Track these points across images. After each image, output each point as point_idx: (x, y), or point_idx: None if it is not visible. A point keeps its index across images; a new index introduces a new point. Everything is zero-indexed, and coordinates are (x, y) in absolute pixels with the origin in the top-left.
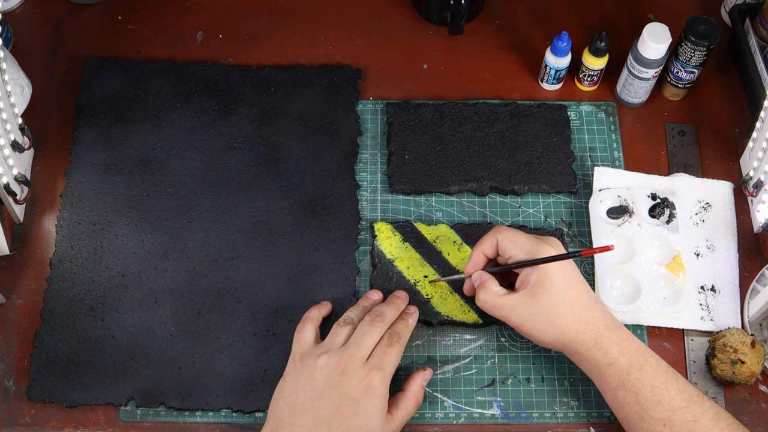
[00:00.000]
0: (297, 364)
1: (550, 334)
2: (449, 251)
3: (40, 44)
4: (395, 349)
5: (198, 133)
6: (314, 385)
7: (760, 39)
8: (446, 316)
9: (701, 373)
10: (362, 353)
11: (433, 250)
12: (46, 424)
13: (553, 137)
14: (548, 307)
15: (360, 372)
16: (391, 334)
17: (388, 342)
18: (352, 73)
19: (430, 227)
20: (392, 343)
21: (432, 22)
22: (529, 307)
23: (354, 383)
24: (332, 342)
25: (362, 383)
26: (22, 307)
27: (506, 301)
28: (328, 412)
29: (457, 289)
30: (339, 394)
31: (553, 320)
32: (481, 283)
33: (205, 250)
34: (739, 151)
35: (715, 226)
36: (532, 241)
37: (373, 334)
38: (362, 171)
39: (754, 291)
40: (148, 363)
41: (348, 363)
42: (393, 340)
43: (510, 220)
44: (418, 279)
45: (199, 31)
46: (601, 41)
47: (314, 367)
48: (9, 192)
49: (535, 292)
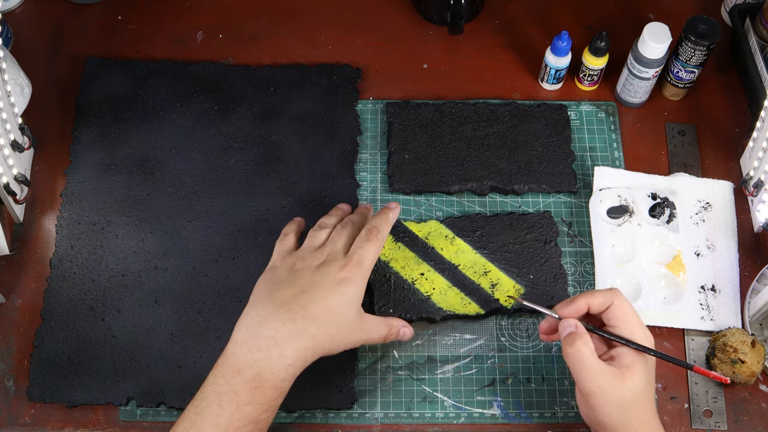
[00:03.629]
0: (277, 262)
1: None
2: (442, 246)
3: (40, 44)
4: (373, 243)
5: (198, 133)
6: (295, 272)
7: (760, 39)
8: (448, 311)
9: None
10: (338, 248)
11: (426, 247)
12: (46, 424)
13: (553, 137)
14: (628, 396)
15: (338, 263)
16: (370, 229)
17: (366, 237)
18: (352, 73)
19: (420, 224)
20: (370, 237)
21: (432, 22)
22: (611, 383)
23: (333, 272)
24: (310, 243)
25: (341, 273)
26: (22, 307)
27: (597, 366)
28: (310, 286)
29: (455, 283)
30: (321, 276)
31: (624, 409)
32: (578, 334)
33: (205, 250)
34: (739, 150)
35: (715, 226)
36: (641, 326)
37: (347, 233)
38: (362, 171)
39: (755, 291)
40: (148, 363)
41: (326, 257)
42: (371, 235)
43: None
44: (415, 277)
45: (199, 31)
46: (601, 41)
47: (294, 263)
48: (9, 192)
49: (625, 375)
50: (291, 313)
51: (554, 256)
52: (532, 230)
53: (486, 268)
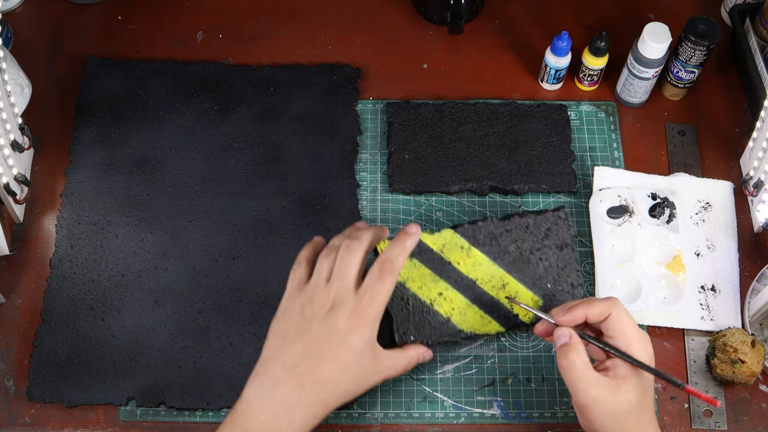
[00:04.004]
0: (288, 303)
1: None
2: (458, 260)
3: (40, 44)
4: (386, 281)
5: (198, 133)
6: (304, 321)
7: (760, 39)
8: (470, 332)
9: (701, 372)
10: (347, 286)
11: (443, 262)
12: (46, 424)
13: (553, 137)
14: (624, 406)
15: (348, 306)
16: (383, 263)
17: (378, 273)
18: (352, 72)
19: (434, 235)
20: (383, 274)
21: (432, 22)
22: (606, 395)
23: (342, 318)
24: (318, 278)
25: (350, 320)
26: (22, 307)
27: (591, 378)
28: (318, 344)
29: (474, 300)
30: (329, 329)
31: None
32: (572, 345)
33: (205, 250)
34: (739, 150)
35: (715, 226)
36: (639, 337)
37: (353, 261)
38: (362, 171)
39: (755, 291)
40: (148, 363)
41: (336, 298)
42: (384, 271)
43: None
44: (434, 297)
45: (199, 31)
46: (601, 41)
47: (303, 305)
48: (9, 192)
49: (620, 386)
50: (300, 378)
51: (570, 261)
52: (548, 235)
53: (504, 280)
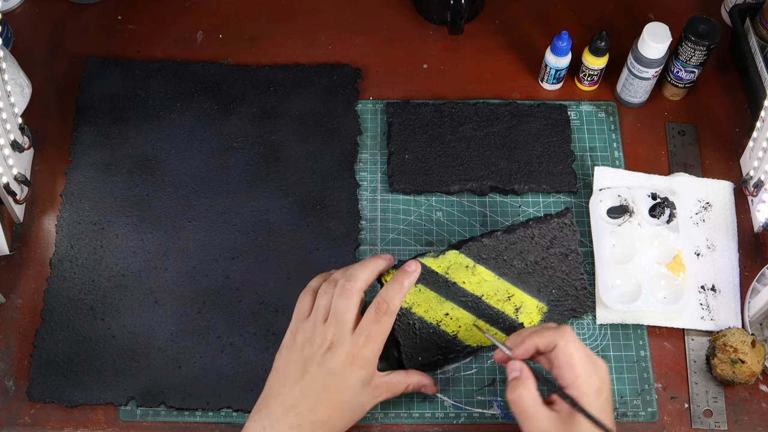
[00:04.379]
0: (291, 337)
1: None
2: (464, 279)
3: (40, 44)
4: (383, 323)
5: (198, 133)
6: (304, 361)
7: (760, 39)
8: (476, 345)
9: (701, 372)
10: (343, 328)
11: (447, 283)
12: (46, 424)
13: (553, 137)
14: None
15: (345, 346)
16: (379, 304)
17: (374, 316)
18: (352, 72)
19: (438, 258)
20: (379, 316)
21: (432, 22)
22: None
23: (339, 361)
24: (316, 317)
25: (347, 360)
26: (22, 307)
27: (539, 414)
28: (315, 388)
29: (479, 315)
30: (326, 371)
31: None
32: (521, 380)
33: (205, 250)
34: (739, 150)
35: (715, 226)
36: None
37: (347, 304)
38: (362, 171)
39: (755, 291)
40: (148, 362)
41: (333, 338)
42: (380, 313)
43: (510, 220)
44: (440, 318)
45: (199, 31)
46: (601, 41)
47: (303, 343)
48: (9, 192)
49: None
50: (299, 418)
51: (576, 266)
52: (553, 243)
53: (509, 292)
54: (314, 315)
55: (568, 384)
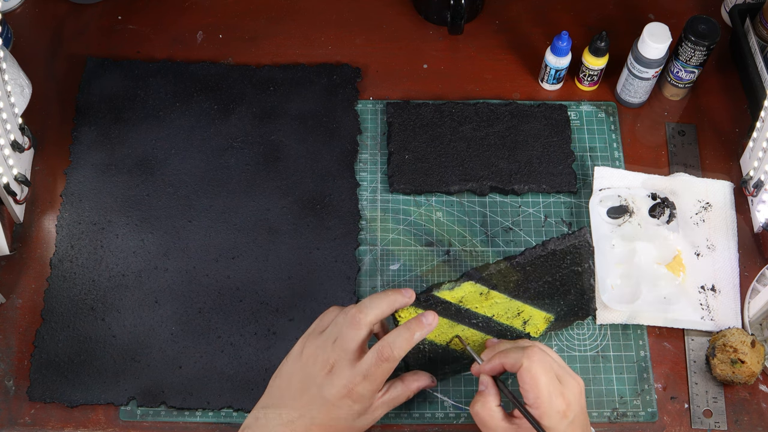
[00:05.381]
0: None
1: None
2: (476, 305)
3: (40, 44)
4: (383, 367)
5: (198, 133)
6: (305, 378)
7: (760, 39)
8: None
9: (701, 373)
10: (345, 358)
11: (460, 310)
12: (46, 423)
13: (553, 137)
14: None
15: (343, 378)
16: (383, 348)
17: (376, 360)
18: (352, 72)
19: (453, 291)
20: (380, 362)
21: (432, 22)
22: None
23: (335, 390)
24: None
25: (343, 392)
26: (23, 307)
27: (498, 426)
28: (312, 408)
29: (488, 332)
30: (324, 396)
31: None
32: (484, 394)
33: (205, 250)
34: (739, 150)
35: (715, 226)
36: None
37: (352, 335)
38: (362, 171)
39: (755, 291)
40: (148, 362)
41: (335, 364)
42: (382, 359)
43: (510, 220)
44: (450, 339)
45: (199, 31)
46: (601, 41)
47: (308, 358)
48: (9, 192)
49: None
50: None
51: (586, 277)
52: (569, 261)
53: (519, 309)
54: (326, 333)
55: (530, 404)
